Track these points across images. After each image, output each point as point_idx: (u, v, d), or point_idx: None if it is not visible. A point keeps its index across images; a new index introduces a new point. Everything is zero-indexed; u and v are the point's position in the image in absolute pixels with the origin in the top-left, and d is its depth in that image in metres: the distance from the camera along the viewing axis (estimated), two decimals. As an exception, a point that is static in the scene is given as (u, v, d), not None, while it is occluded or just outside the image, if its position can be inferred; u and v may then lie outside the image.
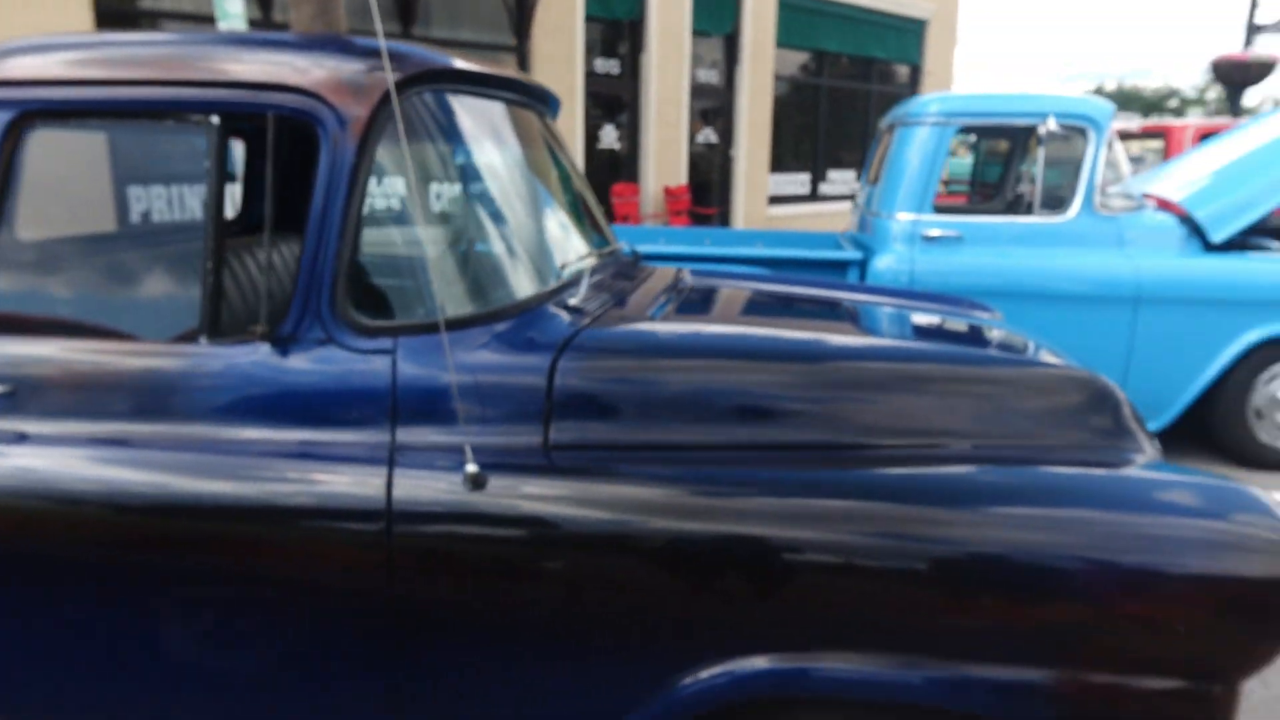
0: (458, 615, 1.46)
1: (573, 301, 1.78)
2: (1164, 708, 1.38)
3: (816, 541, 1.37)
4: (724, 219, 11.00)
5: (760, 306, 2.20)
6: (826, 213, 12.14)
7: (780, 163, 11.73)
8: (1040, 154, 3.87)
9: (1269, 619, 1.35)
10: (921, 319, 2.13)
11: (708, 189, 10.91)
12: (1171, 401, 3.95)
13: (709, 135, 10.86)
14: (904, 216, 4.00)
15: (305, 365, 1.54)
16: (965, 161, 9.39)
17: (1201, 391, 3.92)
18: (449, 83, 1.77)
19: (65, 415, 1.57)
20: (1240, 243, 4.21)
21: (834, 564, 1.37)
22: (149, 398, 1.56)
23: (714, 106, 10.86)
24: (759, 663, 1.40)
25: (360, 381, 1.54)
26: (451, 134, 1.80)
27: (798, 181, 12.12)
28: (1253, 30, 12.83)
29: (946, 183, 7.22)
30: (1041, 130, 3.82)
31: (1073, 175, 3.91)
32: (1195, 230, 3.98)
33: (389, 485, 1.46)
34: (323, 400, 1.54)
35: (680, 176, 10.26)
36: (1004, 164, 5.00)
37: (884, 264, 3.94)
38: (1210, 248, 3.99)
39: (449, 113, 1.79)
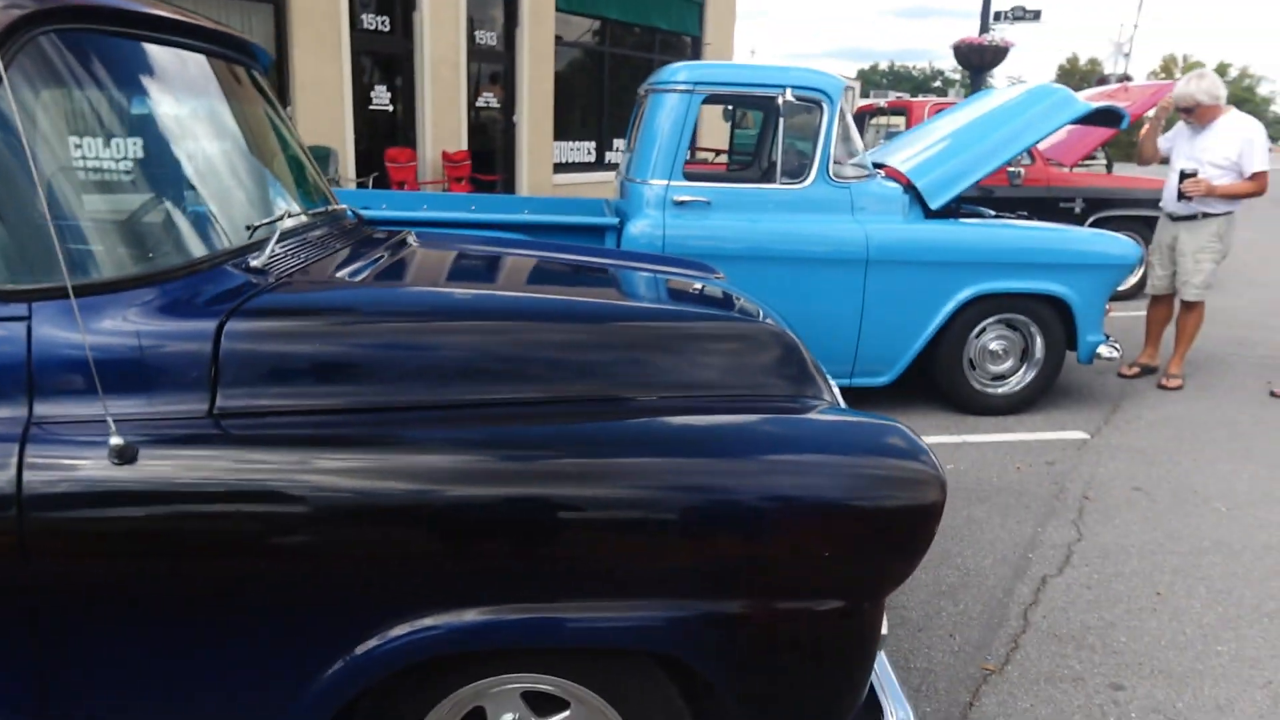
0: (112, 598, 1.35)
1: (255, 262, 1.68)
2: (823, 625, 1.50)
3: (486, 497, 1.38)
4: (508, 186, 10.88)
5: (469, 268, 2.18)
6: (611, 181, 12.28)
7: (565, 130, 11.72)
8: (779, 123, 4.08)
9: (906, 543, 1.49)
10: (629, 278, 2.19)
11: (490, 156, 10.74)
12: (900, 355, 4.31)
13: (490, 100, 10.66)
14: (656, 182, 4.09)
15: None
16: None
17: (924, 345, 4.30)
18: (101, 24, 1.60)
19: None
20: (957, 210, 4.63)
21: (502, 517, 1.38)
22: None
23: (495, 70, 10.66)
24: (427, 621, 1.40)
25: (-12, 352, 1.38)
26: (110, 80, 1.63)
27: (583, 149, 12.18)
28: (989, 17, 14.14)
29: (730, 153, 7.47)
30: (780, 101, 4.02)
31: (812, 145, 4.15)
32: (918, 198, 4.34)
33: (19, 465, 1.32)
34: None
35: (460, 142, 10.03)
36: (759, 134, 5.25)
37: (638, 229, 4.03)
38: (930, 214, 4.36)
39: (105, 57, 1.62)
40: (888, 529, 1.47)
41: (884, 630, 1.69)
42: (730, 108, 5.72)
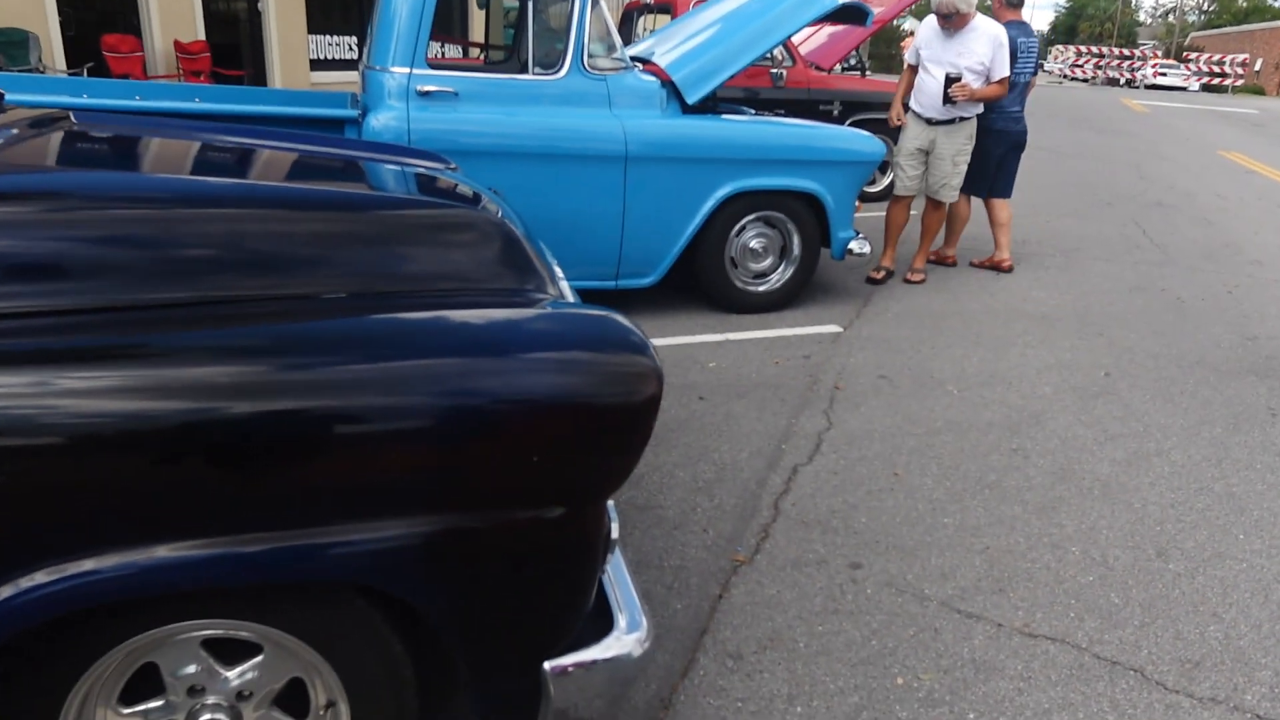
0: None
1: None
2: (539, 535, 1.38)
3: (124, 411, 1.14)
4: (257, 82, 9.84)
5: (135, 152, 1.83)
6: (379, 80, 11.40)
7: (321, 23, 10.70)
8: (530, 10, 3.81)
9: (622, 441, 1.39)
10: (333, 166, 1.93)
11: (234, 49, 9.63)
12: (664, 255, 4.26)
13: (228, -15, 9.52)
14: (397, 70, 3.72)
15: None
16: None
17: (686, 244, 4.28)
18: None
19: None
20: (715, 107, 4.59)
21: (146, 435, 1.15)
22: None
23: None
24: (48, 575, 1.15)
25: None
26: None
27: (344, 44, 11.20)
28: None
29: (484, 46, 7.02)
30: (528, -15, 3.75)
31: (565, 34, 3.91)
32: (676, 93, 4.24)
33: None
34: None
35: (195, 31, 8.89)
36: (515, 25, 4.94)
37: (379, 122, 3.67)
38: (688, 110, 4.28)
39: None
40: (601, 427, 1.36)
41: (614, 534, 1.61)
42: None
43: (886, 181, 7.67)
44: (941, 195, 5.28)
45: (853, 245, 4.61)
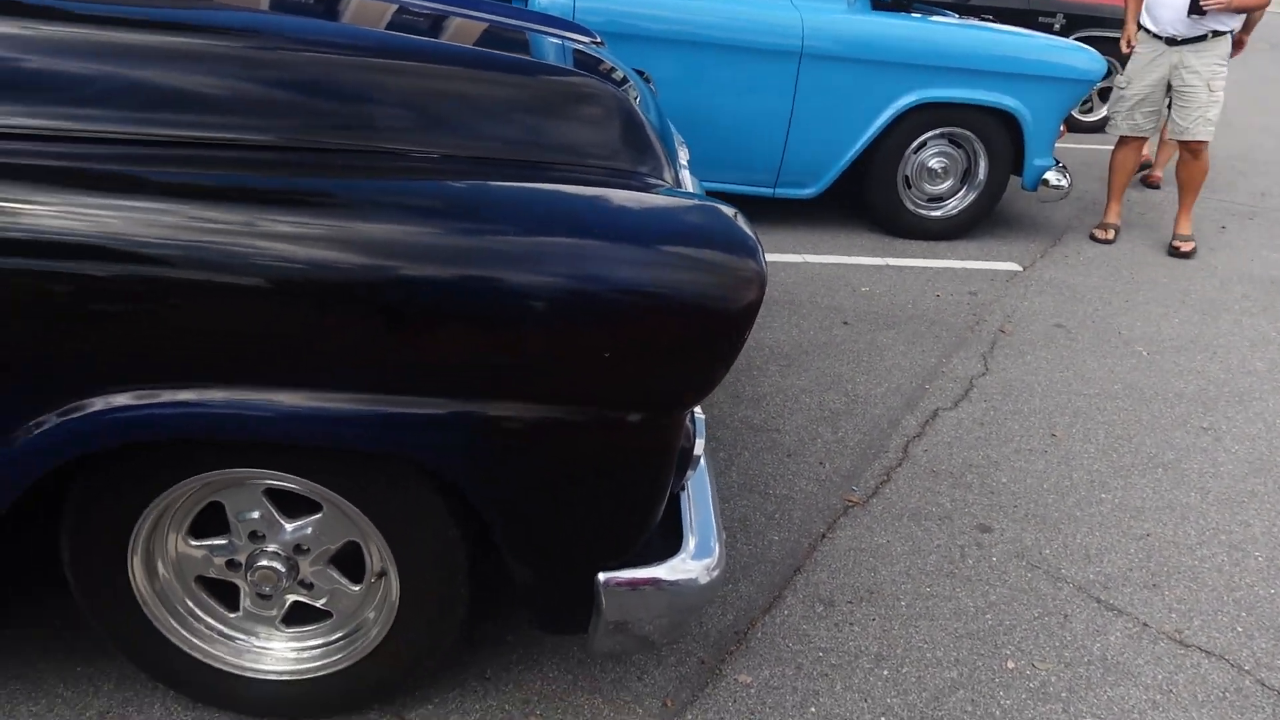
0: None
1: None
2: (603, 437, 1.26)
3: (232, 255, 1.10)
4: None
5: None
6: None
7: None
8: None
9: (707, 348, 1.23)
10: (448, 21, 1.80)
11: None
12: (830, 165, 3.95)
13: None
14: (572, -57, 3.55)
15: None
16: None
17: (856, 156, 3.94)
18: None
19: None
20: (908, 4, 4.14)
21: (252, 283, 1.11)
22: None
23: None
24: (137, 398, 1.16)
25: None
26: None
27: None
28: None
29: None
30: None
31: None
32: (868, -15, 3.85)
33: None
34: None
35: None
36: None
37: (546, -3, 3.53)
38: (879, 6, 3.88)
39: None
40: (689, 329, 1.20)
41: (697, 450, 1.47)
42: None
43: (1103, 112, 6.84)
44: (1198, 132, 4.22)
45: (1049, 176, 4.11)
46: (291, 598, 1.48)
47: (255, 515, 1.40)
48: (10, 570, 1.50)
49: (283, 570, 1.42)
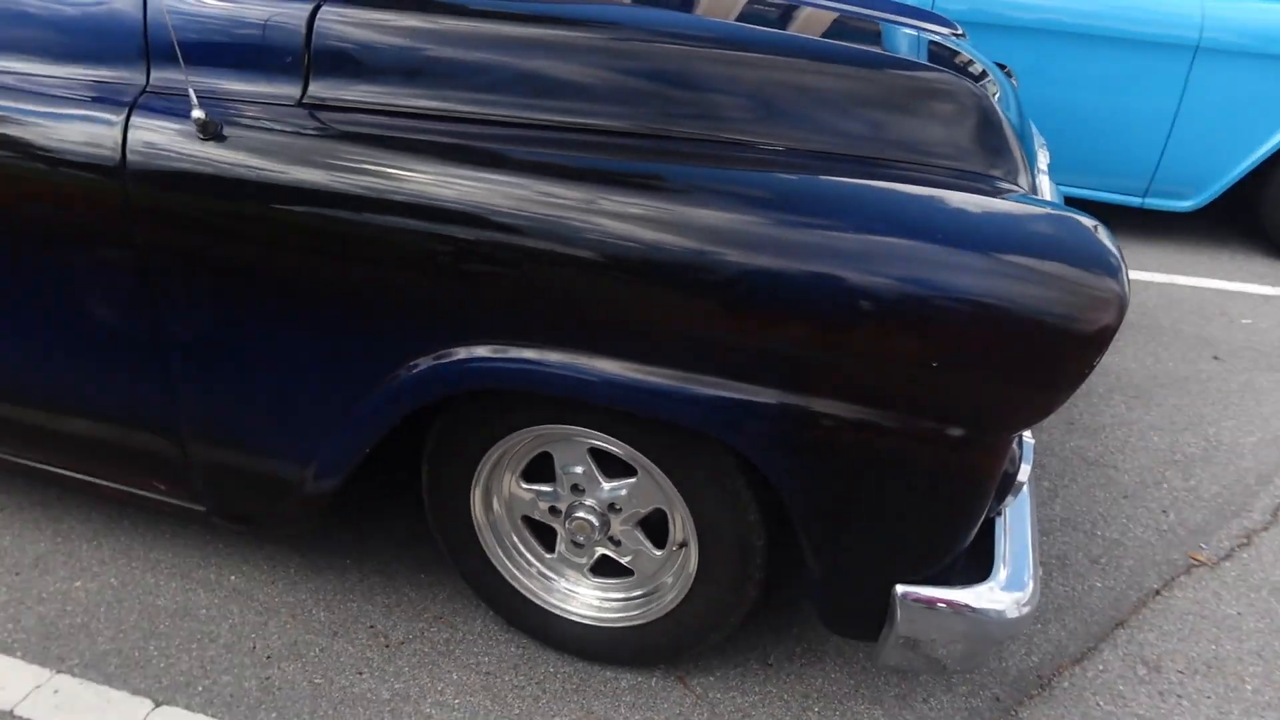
0: (201, 267, 1.39)
1: None
2: (921, 449, 1.22)
3: (593, 234, 1.21)
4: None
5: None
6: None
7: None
8: None
9: (1048, 370, 1.14)
10: (797, 10, 1.80)
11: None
12: (1217, 175, 3.43)
13: None
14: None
15: None
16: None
17: (1251, 167, 3.39)
18: None
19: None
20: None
21: (589, 259, 1.21)
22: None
23: None
24: (492, 351, 1.32)
25: (111, 14, 1.38)
26: None
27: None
28: None
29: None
30: None
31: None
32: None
33: (125, 128, 1.34)
34: (76, 33, 1.40)
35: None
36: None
37: (910, -15, 3.40)
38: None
39: None
40: (1031, 348, 1.13)
41: (1021, 476, 1.37)
42: None
43: None
44: None
45: None
46: (600, 550, 1.60)
47: (579, 470, 1.52)
48: (384, 479, 1.77)
49: (595, 524, 1.54)
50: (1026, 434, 1.46)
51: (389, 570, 1.86)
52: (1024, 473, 1.39)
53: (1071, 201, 3.77)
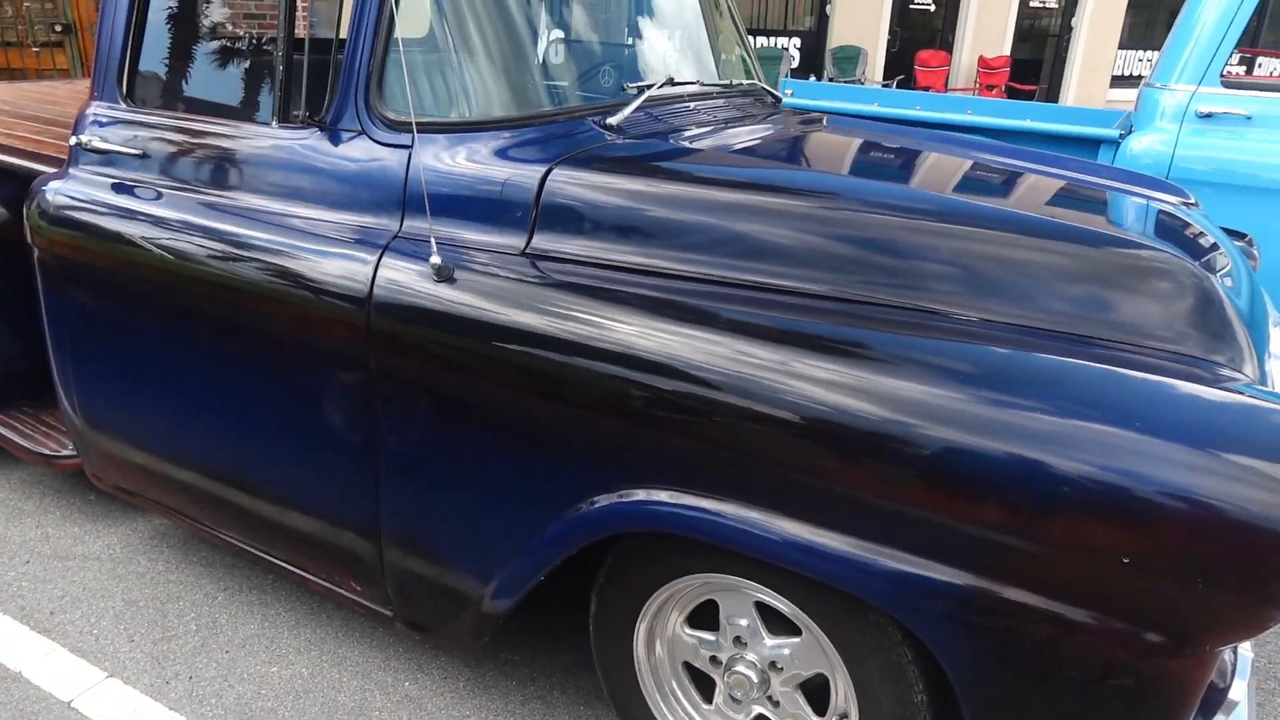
0: (420, 394, 1.54)
1: (611, 119, 1.73)
2: (1110, 654, 1.13)
3: (784, 395, 1.25)
4: (1048, 98, 9.68)
5: (853, 154, 1.96)
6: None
7: (1137, 37, 9.97)
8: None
9: (1256, 580, 1.03)
10: (1035, 185, 1.79)
11: (1035, 64, 9.61)
12: None
13: (1048, 1, 9.46)
14: (1179, 88, 3.25)
15: (338, 151, 1.65)
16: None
17: None
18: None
19: (182, 179, 1.85)
20: None
21: (779, 417, 1.24)
22: (234, 169, 1.79)
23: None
24: (670, 497, 1.36)
25: (380, 171, 1.62)
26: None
27: (1154, 59, 10.29)
28: None
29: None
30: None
31: None
32: None
33: (377, 266, 1.55)
34: (348, 184, 1.65)
35: (1002, 47, 9.13)
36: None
37: (1140, 145, 3.26)
38: None
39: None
40: (1229, 553, 1.03)
41: (1234, 695, 1.23)
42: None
43: None
44: None
45: None
46: (758, 709, 1.56)
47: (743, 622, 1.51)
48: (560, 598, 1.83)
49: (755, 680, 1.51)
50: (1244, 646, 1.30)
51: (549, 698, 1.90)
52: (1239, 690, 1.24)
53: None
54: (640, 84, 1.88)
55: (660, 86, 1.90)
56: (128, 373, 1.94)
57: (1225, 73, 3.24)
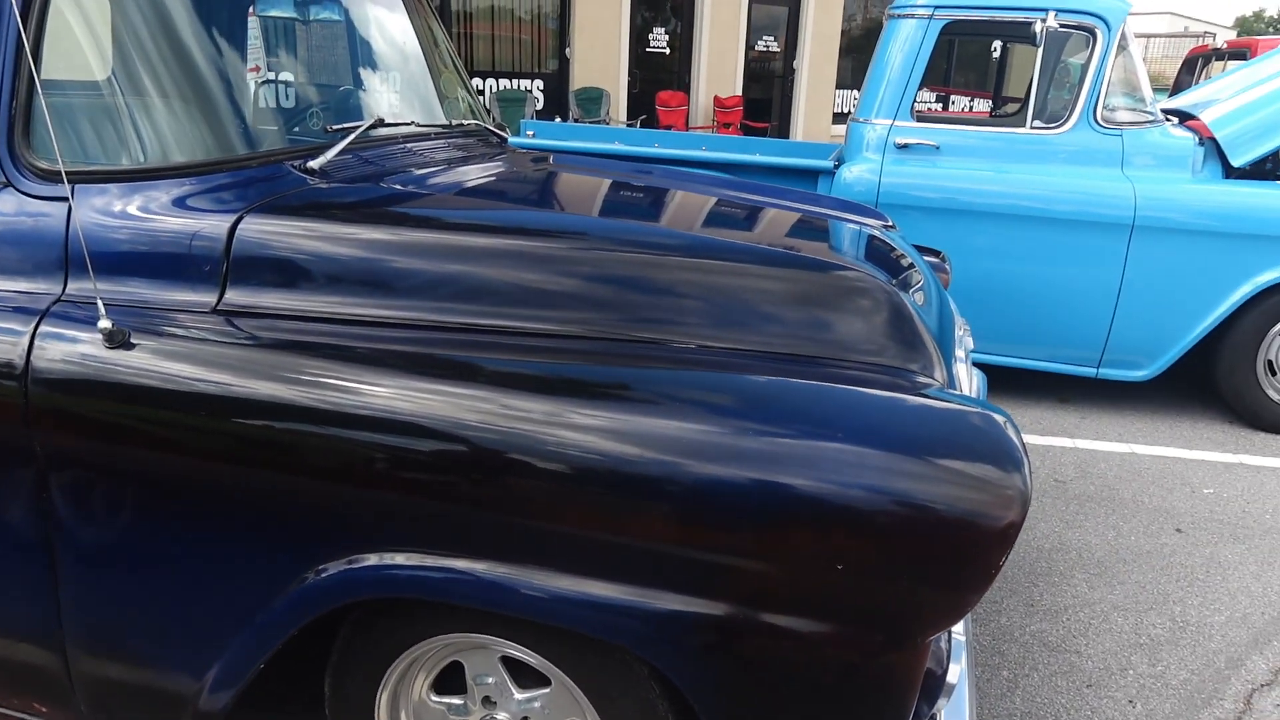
0: (98, 474, 1.35)
1: (313, 163, 1.62)
2: (833, 656, 1.16)
3: (480, 433, 1.19)
4: (780, 134, 10.47)
5: (570, 190, 1.97)
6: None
7: (853, 79, 11.04)
8: (1038, 55, 3.40)
9: (955, 571, 1.10)
10: (742, 213, 1.87)
11: (765, 103, 10.37)
12: (1167, 346, 3.50)
13: (770, 45, 10.26)
14: (878, 122, 3.59)
15: None
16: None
17: (1200, 337, 3.46)
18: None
19: None
20: (1266, 172, 3.65)
21: (517, 464, 1.19)
22: None
23: (777, 13, 10.23)
24: (407, 559, 1.27)
25: (33, 229, 1.41)
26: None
27: (869, 100, 11.46)
28: None
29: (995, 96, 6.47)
30: (1038, 27, 3.34)
31: (1076, 82, 3.43)
32: (1217, 153, 3.47)
33: (33, 336, 1.34)
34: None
35: (734, 87, 9.77)
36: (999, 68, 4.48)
37: (851, 174, 3.57)
38: (1230, 174, 3.47)
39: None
40: (929, 548, 1.09)
41: (951, 677, 1.30)
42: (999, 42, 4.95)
43: None
44: None
45: None
46: (515, 768, 1.49)
47: (490, 680, 1.43)
48: (284, 682, 1.67)
49: (509, 738, 1.44)
50: (956, 631, 1.39)
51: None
52: (954, 673, 1.32)
53: (1029, 374, 3.82)
54: (346, 125, 1.79)
55: (370, 128, 1.81)
56: None
57: (915, 108, 3.62)
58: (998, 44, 5.05)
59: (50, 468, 1.36)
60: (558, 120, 8.48)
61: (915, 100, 3.58)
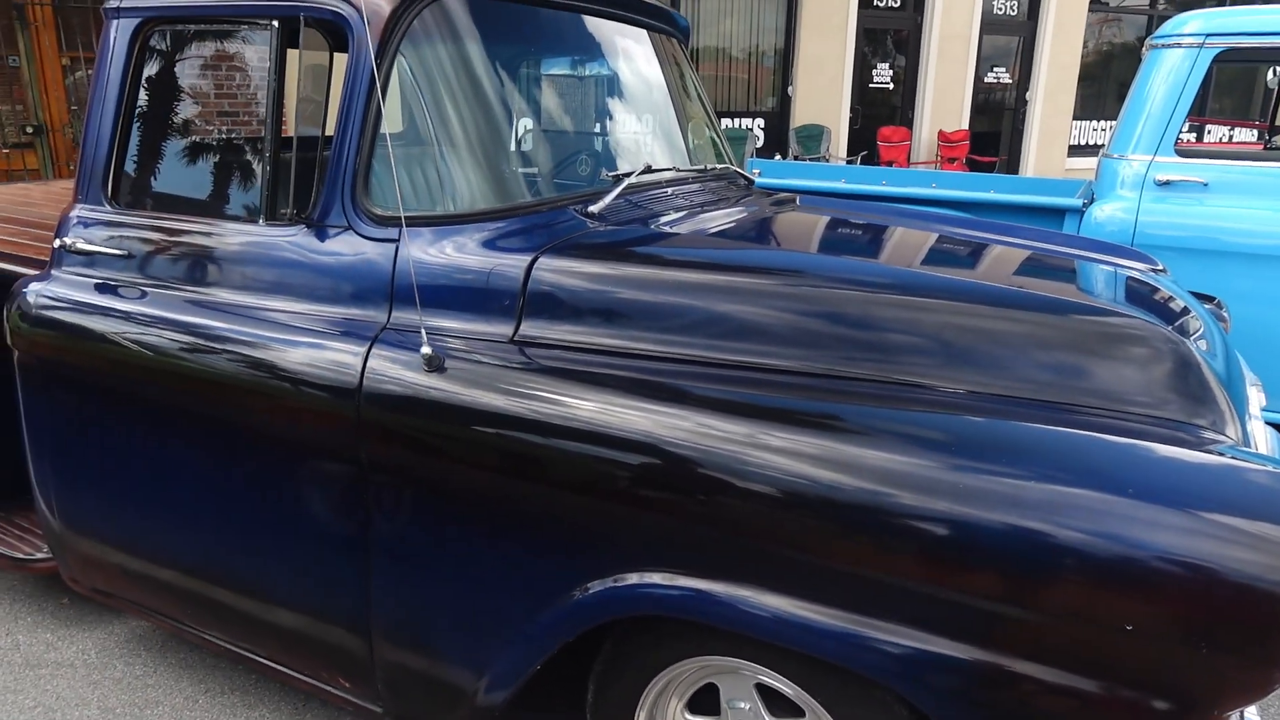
0: (412, 483, 1.54)
1: (593, 207, 1.77)
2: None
3: (766, 470, 1.26)
4: (1009, 169, 9.99)
5: (828, 234, 2.01)
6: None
7: (1090, 108, 10.37)
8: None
9: (1252, 644, 1.04)
10: (1009, 257, 1.84)
11: (994, 136, 9.95)
12: None
13: (1001, 75, 9.85)
14: (1136, 158, 3.37)
15: (325, 246, 1.67)
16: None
17: None
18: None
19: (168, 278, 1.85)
20: None
21: (781, 496, 1.25)
22: (223, 267, 1.79)
23: (1010, 43, 9.81)
24: (664, 579, 1.35)
25: (367, 265, 1.64)
26: (490, 38, 1.81)
27: (1108, 129, 10.69)
28: None
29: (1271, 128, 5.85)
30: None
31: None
32: None
33: (366, 358, 1.55)
34: (335, 278, 1.66)
35: (960, 121, 9.45)
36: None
37: (1103, 213, 3.37)
38: None
39: (489, 17, 1.81)
40: (1228, 616, 1.04)
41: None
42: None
43: None
44: None
45: None
46: (762, 798, 1.52)
47: (744, 706, 1.48)
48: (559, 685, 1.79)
49: (759, 766, 1.48)
50: (1251, 711, 1.30)
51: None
52: (1251, 763, 1.23)
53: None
54: (619, 173, 1.93)
55: (639, 174, 1.95)
56: (110, 474, 1.91)
57: (1179, 141, 3.38)
58: (1272, 72, 4.61)
59: (371, 475, 1.56)
60: (777, 157, 8.57)
61: (1179, 133, 3.34)
